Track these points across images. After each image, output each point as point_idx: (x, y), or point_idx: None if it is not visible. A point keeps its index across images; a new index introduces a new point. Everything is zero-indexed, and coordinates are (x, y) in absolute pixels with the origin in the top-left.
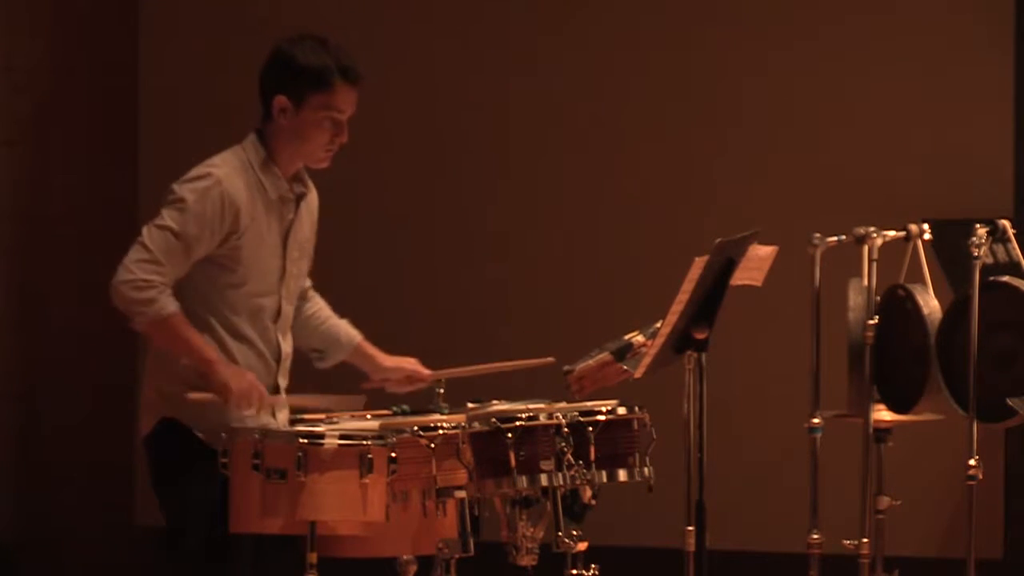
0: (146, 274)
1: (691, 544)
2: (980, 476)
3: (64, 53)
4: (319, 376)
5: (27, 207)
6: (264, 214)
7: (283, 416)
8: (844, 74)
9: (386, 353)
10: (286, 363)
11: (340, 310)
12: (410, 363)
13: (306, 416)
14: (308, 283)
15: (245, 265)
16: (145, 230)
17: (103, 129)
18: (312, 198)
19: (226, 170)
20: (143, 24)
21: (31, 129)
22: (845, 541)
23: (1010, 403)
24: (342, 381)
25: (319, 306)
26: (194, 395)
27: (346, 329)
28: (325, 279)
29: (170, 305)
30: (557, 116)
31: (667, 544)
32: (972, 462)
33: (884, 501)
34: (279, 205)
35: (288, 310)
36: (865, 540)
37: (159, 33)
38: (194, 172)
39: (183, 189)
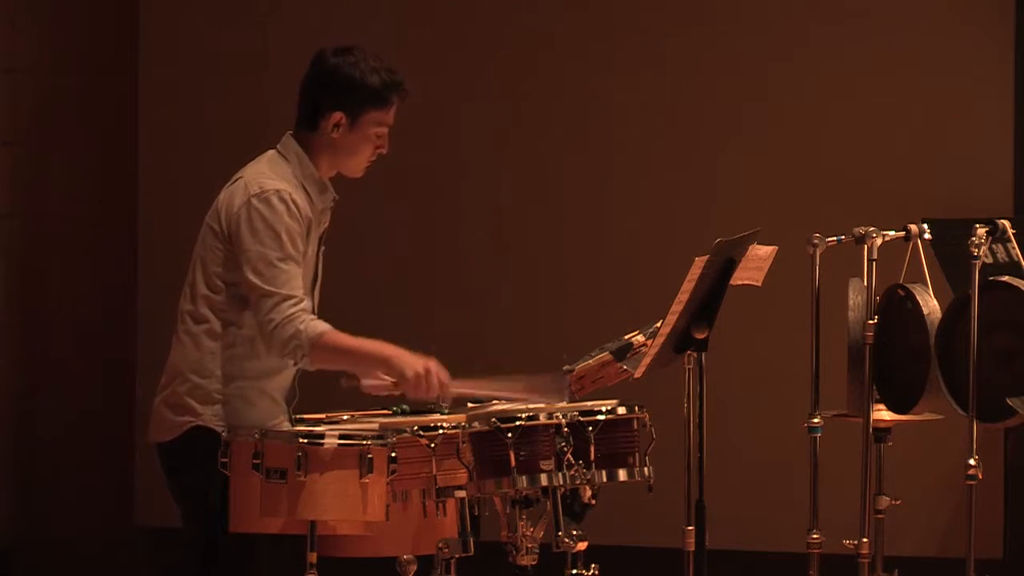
0: (281, 313)
1: (691, 544)
2: (980, 476)
3: (64, 53)
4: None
5: (27, 207)
6: (313, 226)
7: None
8: (844, 74)
9: None
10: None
11: (341, 312)
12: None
13: (306, 416)
14: None
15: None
16: (256, 277)
17: (103, 129)
18: None
19: (288, 185)
20: (143, 24)
21: (31, 129)
22: (845, 541)
23: (1010, 403)
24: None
25: None
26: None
27: None
28: (328, 280)
29: (318, 326)
30: (557, 115)
31: (667, 544)
32: (972, 462)
33: (884, 501)
34: (319, 215)
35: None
36: (865, 540)
37: (159, 33)
38: (258, 191)
39: (264, 212)
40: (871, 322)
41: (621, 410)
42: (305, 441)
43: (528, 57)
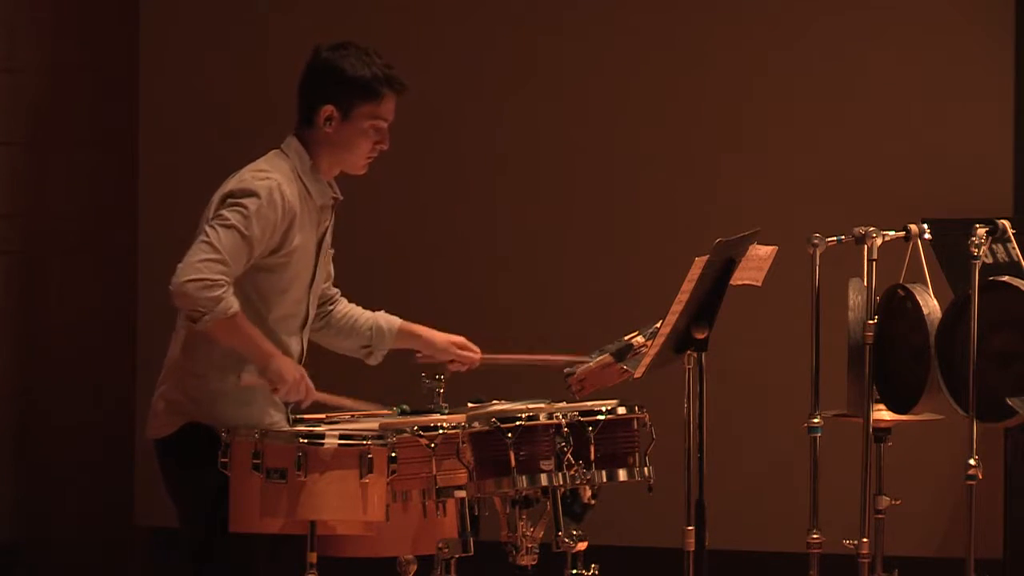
0: (214, 273)
1: (691, 544)
2: (980, 476)
3: (64, 53)
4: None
5: (27, 207)
6: (308, 222)
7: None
8: (844, 74)
9: (436, 330)
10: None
11: None
12: (456, 343)
13: (306, 416)
14: (333, 290)
15: (291, 273)
16: (209, 230)
17: (103, 129)
18: None
19: (281, 176)
20: (143, 24)
21: (31, 129)
22: (845, 541)
23: (1010, 403)
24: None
25: (348, 305)
26: (246, 379)
27: (384, 317)
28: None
29: (235, 304)
30: (558, 116)
31: (667, 544)
32: (972, 462)
33: (884, 501)
34: (319, 212)
35: (312, 315)
36: (865, 540)
37: (159, 33)
38: (247, 174)
39: (245, 190)
40: (871, 322)
41: (621, 410)
42: (305, 441)
43: (528, 57)
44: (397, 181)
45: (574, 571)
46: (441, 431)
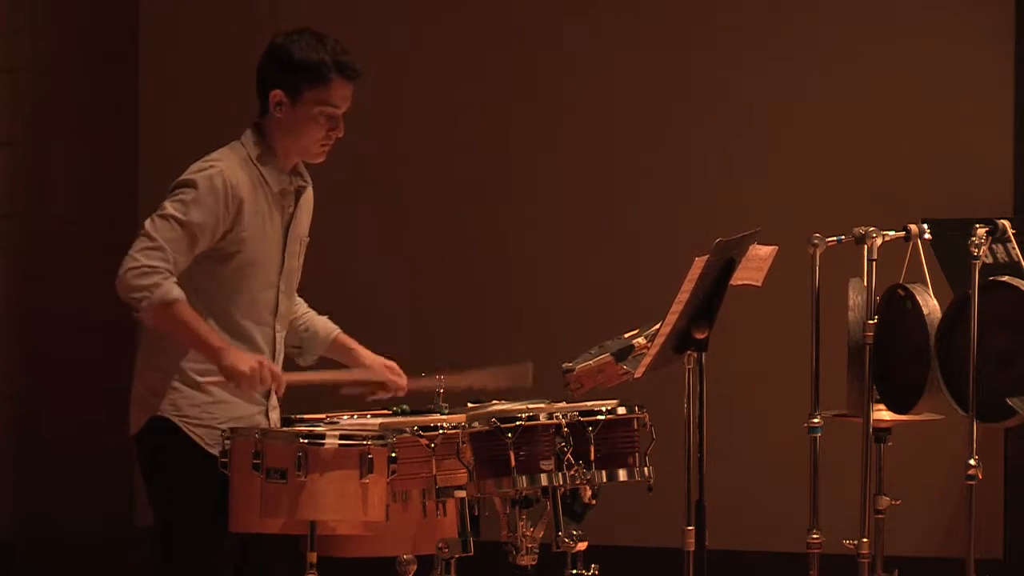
0: (150, 260)
1: (691, 544)
2: (980, 476)
3: (64, 53)
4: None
5: (27, 207)
6: (267, 208)
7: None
8: (844, 74)
9: (371, 352)
10: (280, 358)
11: (338, 309)
12: (389, 366)
13: (305, 416)
14: None
15: (248, 259)
16: (148, 221)
17: (103, 129)
18: (309, 192)
19: (227, 163)
20: (143, 23)
21: (31, 129)
22: (845, 541)
23: (1010, 403)
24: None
25: (296, 302)
26: (209, 381)
27: (324, 323)
28: (323, 277)
29: (174, 291)
30: (558, 115)
31: (667, 544)
32: (972, 462)
33: (884, 501)
34: (280, 198)
35: (286, 305)
36: (865, 540)
37: (159, 32)
38: (194, 166)
39: (185, 180)
40: (871, 322)
41: (621, 410)
42: (305, 441)
43: (530, 57)
44: (398, 183)
45: (574, 571)
46: (441, 431)
